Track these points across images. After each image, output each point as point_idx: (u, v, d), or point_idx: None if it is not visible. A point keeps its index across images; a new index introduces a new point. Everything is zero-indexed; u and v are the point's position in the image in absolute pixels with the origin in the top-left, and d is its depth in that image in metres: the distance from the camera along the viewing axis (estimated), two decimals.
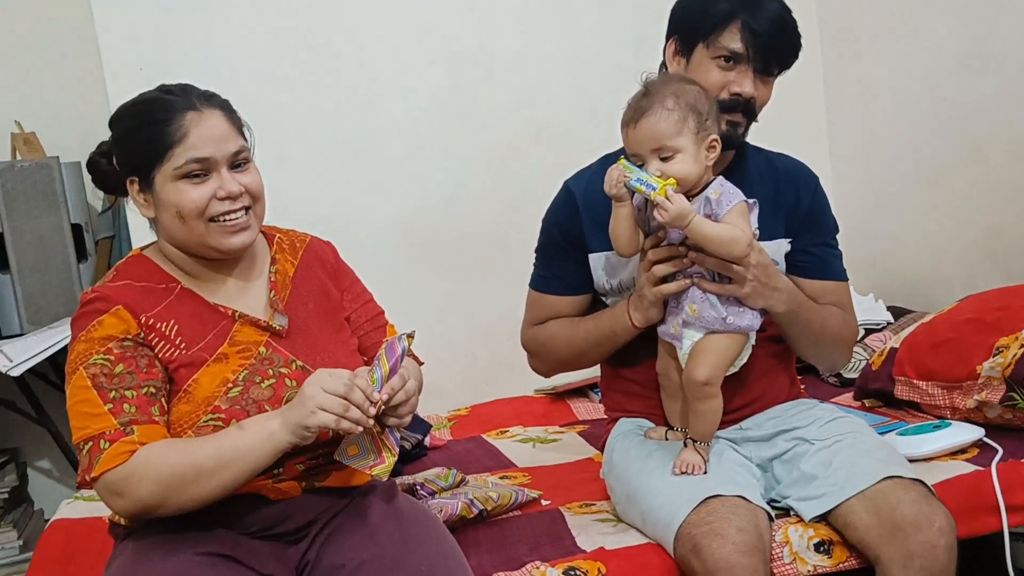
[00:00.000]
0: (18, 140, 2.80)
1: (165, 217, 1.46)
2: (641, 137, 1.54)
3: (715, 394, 1.59)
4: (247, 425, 1.38)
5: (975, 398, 1.90)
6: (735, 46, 1.63)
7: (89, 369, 1.39)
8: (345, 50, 2.71)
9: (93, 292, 1.45)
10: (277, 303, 1.53)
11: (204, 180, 1.43)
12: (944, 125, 2.59)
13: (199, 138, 1.42)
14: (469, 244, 2.83)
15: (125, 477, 1.35)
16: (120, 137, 1.48)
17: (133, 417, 1.37)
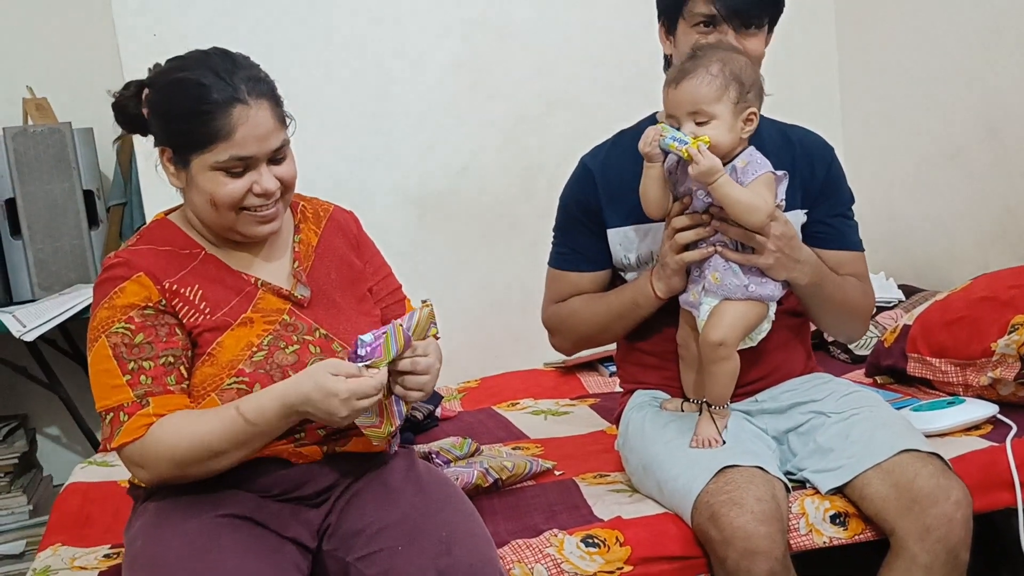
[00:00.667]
0: (30, 105, 2.79)
1: (196, 198, 1.45)
2: (680, 98, 1.55)
3: (729, 356, 1.60)
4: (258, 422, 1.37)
5: (989, 375, 1.91)
6: (705, 9, 1.65)
7: (111, 338, 1.40)
8: (359, 16, 2.69)
9: (116, 257, 1.46)
10: (300, 273, 1.54)
11: (242, 174, 1.42)
12: (960, 104, 2.57)
13: (244, 137, 1.39)
14: (480, 213, 2.83)
15: (143, 452, 1.38)
16: (160, 110, 1.44)
17: (149, 389, 1.39)
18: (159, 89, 1.45)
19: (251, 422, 1.37)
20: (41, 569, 1.62)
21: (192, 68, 1.42)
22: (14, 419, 2.98)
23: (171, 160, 1.45)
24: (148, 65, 2.60)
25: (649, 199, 1.62)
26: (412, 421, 2.21)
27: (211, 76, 1.40)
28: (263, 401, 1.38)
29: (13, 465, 2.83)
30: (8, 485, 2.81)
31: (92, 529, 1.79)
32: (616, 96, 2.73)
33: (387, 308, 1.63)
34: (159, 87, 1.45)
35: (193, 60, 1.44)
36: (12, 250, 2.72)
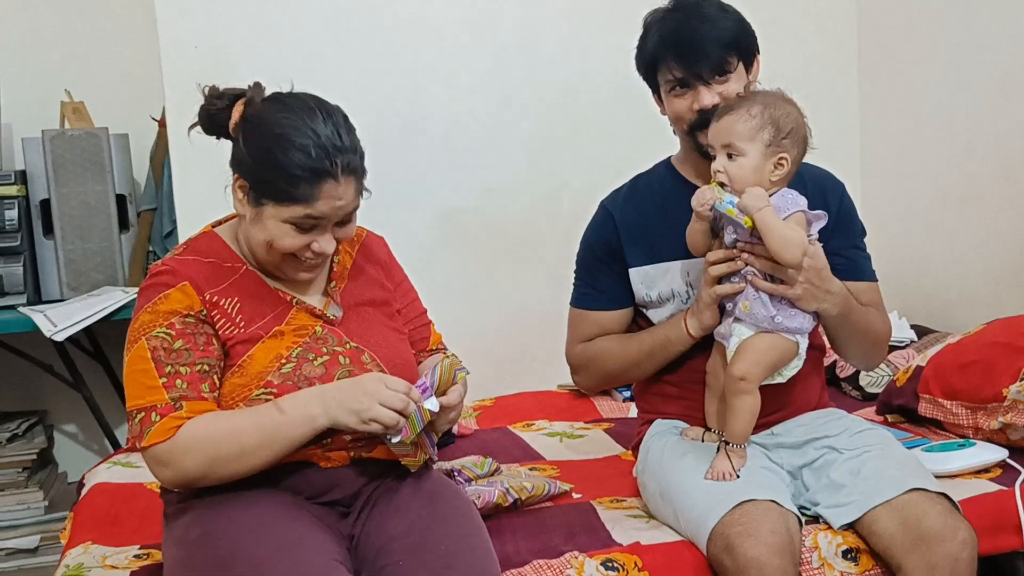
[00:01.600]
0: (67, 108, 2.85)
1: (255, 233, 1.49)
2: (719, 130, 1.62)
3: (749, 391, 1.64)
4: (288, 408, 1.43)
5: (1000, 420, 1.95)
6: (674, 75, 1.72)
7: (151, 341, 1.45)
8: (393, 36, 2.76)
9: (163, 265, 1.51)
10: (335, 293, 1.59)
11: (308, 231, 1.47)
12: (978, 146, 2.62)
13: (325, 206, 1.45)
14: (503, 233, 2.88)
15: (171, 450, 1.42)
16: (254, 152, 1.46)
17: (184, 393, 1.44)
18: (258, 131, 1.46)
19: (282, 410, 1.42)
20: (75, 566, 1.66)
21: (295, 125, 1.44)
22: (33, 415, 3.03)
23: (244, 191, 1.49)
24: (187, 75, 2.68)
25: (696, 246, 1.70)
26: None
27: (311, 141, 1.43)
28: (298, 392, 1.45)
29: (31, 461, 2.88)
30: (25, 480, 2.86)
31: (121, 529, 1.83)
32: (640, 123, 2.74)
33: (413, 331, 1.70)
34: (258, 129, 1.46)
35: (298, 113, 1.45)
36: (44, 250, 2.77)
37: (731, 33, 1.72)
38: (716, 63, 1.70)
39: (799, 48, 2.95)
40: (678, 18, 1.72)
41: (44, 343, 2.64)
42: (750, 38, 1.76)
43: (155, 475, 1.47)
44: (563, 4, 2.87)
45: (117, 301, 2.58)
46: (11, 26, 3.00)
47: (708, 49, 1.69)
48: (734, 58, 1.72)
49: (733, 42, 1.72)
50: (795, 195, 1.63)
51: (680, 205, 1.77)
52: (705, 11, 1.72)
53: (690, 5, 1.74)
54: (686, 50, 1.69)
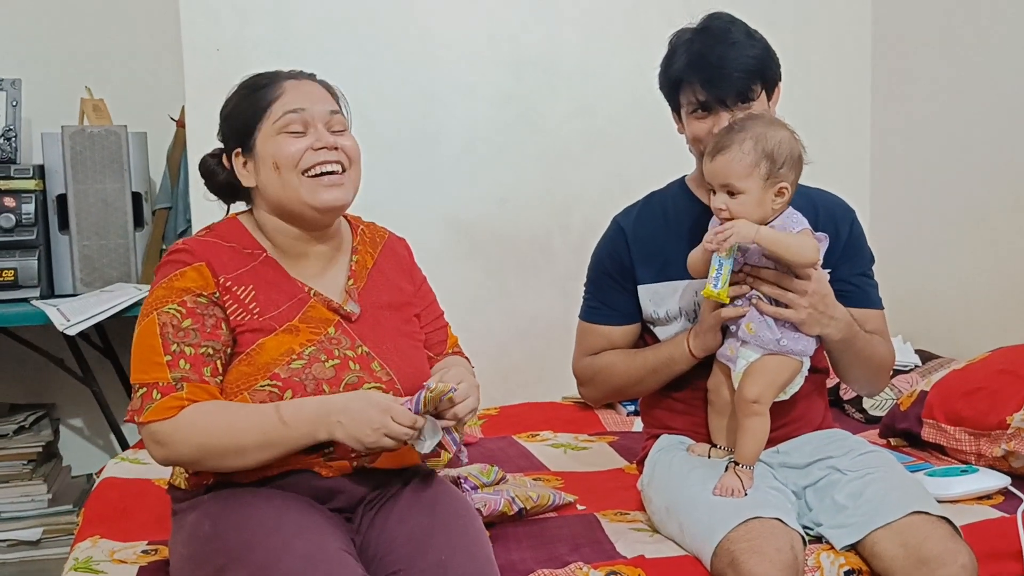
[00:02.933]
0: (87, 106, 2.88)
1: (264, 175, 1.54)
2: (714, 171, 1.64)
3: (762, 413, 1.66)
4: (290, 420, 1.43)
5: (1003, 447, 1.97)
6: (696, 98, 1.73)
7: (161, 316, 1.47)
8: (415, 46, 2.79)
9: (183, 243, 1.54)
10: (353, 291, 1.60)
11: (302, 135, 1.52)
12: (988, 173, 2.64)
13: (295, 95, 1.54)
14: (515, 243, 2.91)
15: (171, 432, 1.43)
16: (227, 113, 1.57)
17: (185, 374, 1.45)
18: (226, 101, 1.59)
19: (285, 421, 1.42)
20: (84, 559, 1.67)
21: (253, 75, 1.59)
22: (41, 408, 3.05)
23: (241, 157, 1.56)
24: (208, 77, 2.73)
25: (697, 270, 1.71)
26: None
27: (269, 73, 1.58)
28: (303, 402, 1.44)
29: (37, 453, 2.89)
30: (30, 473, 2.87)
31: (129, 524, 1.84)
32: (654, 141, 2.77)
33: (430, 334, 1.71)
34: (226, 100, 1.60)
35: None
36: (59, 244, 2.80)
37: (757, 60, 1.72)
38: (740, 90, 1.71)
39: (812, 74, 2.98)
40: (705, 41, 1.73)
41: (55, 337, 2.66)
42: (775, 66, 1.77)
43: (148, 449, 1.48)
44: (582, 22, 2.90)
45: (130, 297, 2.61)
46: (35, 22, 3.03)
47: (733, 75, 1.69)
48: (758, 86, 1.73)
49: (758, 70, 1.72)
50: (798, 215, 1.66)
51: (692, 225, 1.80)
52: (733, 36, 1.73)
53: (718, 28, 1.74)
54: (711, 74, 1.70)
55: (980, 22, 2.66)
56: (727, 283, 1.62)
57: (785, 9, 2.96)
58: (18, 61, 2.94)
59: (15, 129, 2.82)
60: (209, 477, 1.53)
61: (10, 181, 2.73)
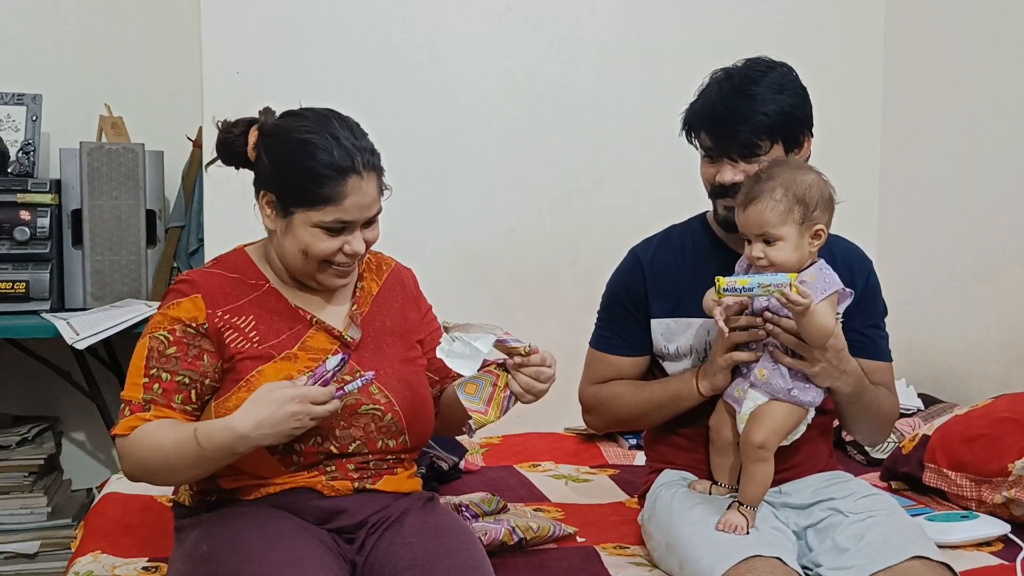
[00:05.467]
0: (106, 123, 2.91)
1: (288, 245, 1.55)
2: (749, 221, 1.64)
3: (768, 459, 1.67)
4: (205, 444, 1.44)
5: (1003, 494, 1.97)
6: (706, 144, 1.75)
7: (152, 341, 1.53)
8: (433, 78, 2.82)
9: (187, 274, 1.60)
10: (356, 316, 1.63)
11: (336, 235, 1.53)
12: (996, 224, 2.66)
13: (352, 204, 1.52)
14: (522, 275, 2.93)
15: (124, 446, 1.51)
16: (277, 162, 1.54)
17: (155, 397, 1.50)
18: (280, 142, 1.55)
19: (201, 445, 1.44)
20: (84, 574, 1.68)
21: (315, 131, 1.52)
22: (44, 421, 3.05)
23: (272, 205, 1.56)
24: (227, 99, 2.76)
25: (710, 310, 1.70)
26: (437, 471, 2.28)
27: (332, 143, 1.51)
28: (214, 428, 1.45)
29: (38, 466, 2.90)
30: (31, 485, 2.87)
31: (131, 540, 1.85)
32: (667, 178, 2.82)
33: (435, 359, 1.71)
34: (280, 140, 1.55)
35: (315, 121, 1.54)
36: (71, 259, 2.82)
37: (772, 118, 1.70)
38: (744, 145, 1.71)
39: (822, 121, 2.95)
40: (723, 90, 1.73)
41: (63, 350, 2.67)
42: (795, 122, 1.74)
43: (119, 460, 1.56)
44: (598, 60, 2.94)
45: (140, 314, 2.62)
46: (57, 39, 3.07)
47: (738, 130, 1.70)
48: (766, 142, 1.71)
49: (769, 127, 1.70)
50: (832, 274, 1.66)
51: (710, 262, 1.81)
52: (754, 89, 1.71)
53: (742, 79, 1.73)
54: (717, 125, 1.72)
55: (992, 75, 2.69)
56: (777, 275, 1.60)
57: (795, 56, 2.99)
58: (39, 77, 2.98)
59: (34, 143, 2.86)
60: (212, 494, 1.56)
61: (27, 195, 2.75)
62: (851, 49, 3.09)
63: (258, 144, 1.57)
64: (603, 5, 2.95)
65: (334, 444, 1.55)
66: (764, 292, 1.59)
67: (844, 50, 3.09)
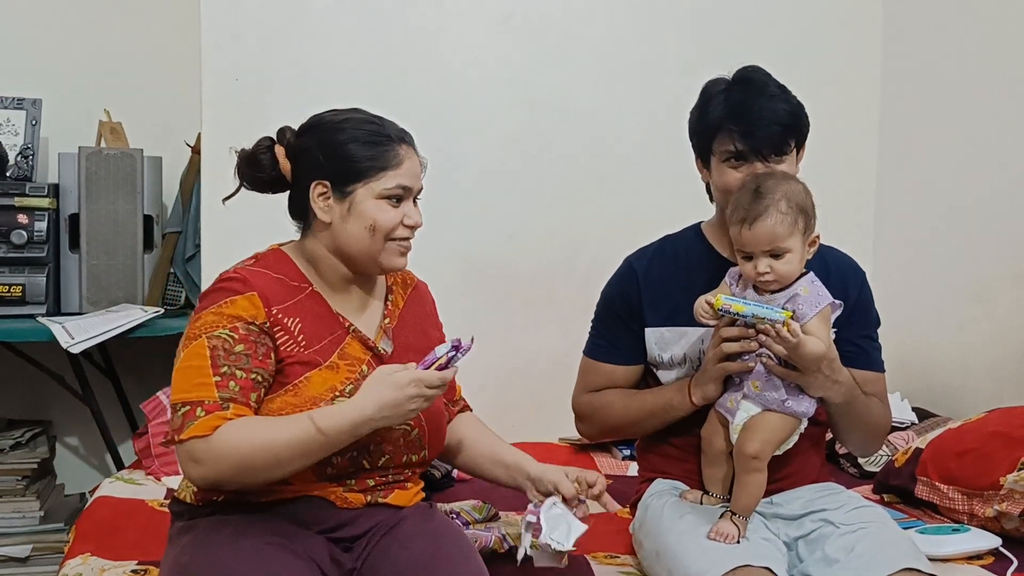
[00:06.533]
0: (105, 128, 2.92)
1: (351, 227, 1.56)
2: (757, 238, 1.63)
3: (761, 469, 1.67)
4: (328, 430, 1.43)
5: (995, 508, 1.97)
6: (732, 147, 1.73)
7: (212, 340, 1.46)
8: (432, 83, 2.83)
9: (234, 272, 1.54)
10: (388, 329, 1.64)
11: (397, 205, 1.56)
12: (992, 244, 2.67)
13: (409, 170, 1.58)
14: (520, 281, 2.92)
15: (208, 449, 1.41)
16: (331, 142, 1.56)
17: (234, 396, 1.44)
18: (323, 130, 1.58)
19: (323, 431, 1.42)
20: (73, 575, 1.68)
21: (351, 113, 1.60)
22: (38, 425, 3.05)
23: (325, 195, 1.56)
24: (226, 106, 2.76)
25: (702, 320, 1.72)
26: (429, 479, 2.28)
27: (372, 118, 1.60)
28: (337, 413, 1.44)
29: (31, 470, 2.89)
30: (24, 489, 2.86)
31: (120, 542, 1.85)
32: (666, 185, 2.81)
33: None
34: (321, 128, 1.59)
35: (345, 111, 1.61)
36: (68, 263, 2.82)
37: (793, 116, 1.74)
38: (778, 143, 1.72)
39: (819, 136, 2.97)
40: (745, 92, 1.74)
41: (58, 354, 2.67)
42: (807, 123, 1.78)
43: (185, 471, 1.46)
44: (597, 67, 2.94)
45: (135, 319, 2.63)
46: (58, 43, 3.08)
47: (772, 128, 1.71)
48: (792, 140, 1.74)
49: (795, 125, 1.74)
50: (823, 289, 1.67)
51: (704, 273, 1.81)
52: (771, 90, 1.75)
53: (757, 81, 1.76)
54: (751, 126, 1.71)
55: (990, 93, 2.69)
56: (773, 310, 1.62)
57: (793, 67, 3.01)
58: (40, 81, 2.99)
59: (32, 148, 2.87)
60: (219, 493, 1.53)
61: (25, 199, 2.76)
62: (849, 61, 3.10)
63: (293, 147, 1.59)
64: (603, 14, 2.96)
65: (367, 458, 1.55)
66: (757, 323, 1.61)
67: (842, 62, 3.09)
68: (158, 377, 2.88)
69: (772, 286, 1.65)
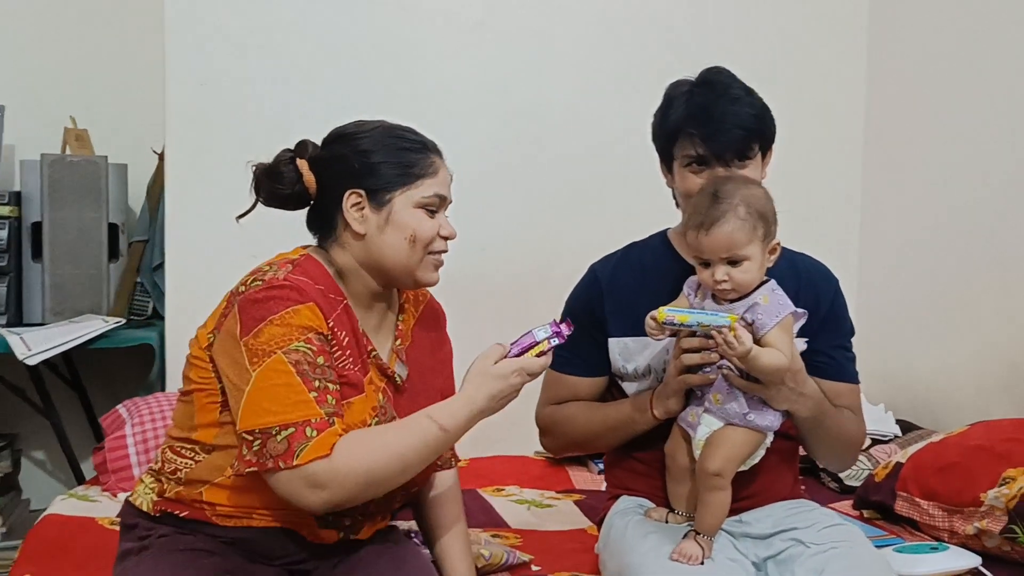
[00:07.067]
0: (70, 135, 2.87)
1: (389, 238, 1.48)
2: (714, 245, 1.57)
3: (724, 487, 1.60)
4: (449, 426, 1.40)
5: (975, 525, 1.90)
6: (696, 152, 1.68)
7: (290, 355, 1.35)
8: (403, 91, 2.77)
9: (285, 279, 1.41)
10: (402, 352, 1.57)
11: (433, 216, 1.51)
12: (976, 255, 2.63)
13: (444, 179, 1.54)
14: (494, 293, 2.87)
15: (331, 469, 1.32)
16: (361, 153, 1.49)
17: (334, 409, 1.37)
18: (361, 136, 1.51)
19: (445, 429, 1.40)
20: None
21: (382, 122, 1.54)
22: (3, 438, 2.99)
23: (360, 206, 1.49)
24: (191, 111, 2.71)
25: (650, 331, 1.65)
26: None
27: (405, 128, 1.55)
28: (454, 409, 1.42)
29: None
30: None
31: (64, 563, 1.79)
32: (640, 195, 2.75)
33: None
34: (360, 135, 1.51)
35: (375, 121, 1.55)
36: (31, 272, 2.76)
37: (757, 119, 1.68)
38: (741, 147, 1.66)
39: (804, 144, 2.94)
40: (707, 95, 1.68)
41: (20, 367, 2.61)
42: (772, 125, 1.73)
43: (300, 498, 1.34)
44: (572, 75, 2.90)
45: (96, 329, 2.57)
46: (22, 50, 3.04)
47: (734, 132, 1.65)
48: (756, 145, 1.69)
49: (758, 128, 1.69)
50: (784, 298, 1.60)
51: (669, 281, 1.75)
52: (734, 92, 1.69)
53: (719, 83, 1.70)
54: (713, 130, 1.65)
55: (974, 103, 2.65)
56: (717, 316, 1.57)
57: (776, 77, 2.97)
58: (3, 88, 2.93)
59: None
60: (185, 509, 1.45)
61: None
62: (833, 71, 3.06)
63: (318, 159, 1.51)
64: (578, 21, 2.92)
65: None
66: (703, 331, 1.54)
67: (826, 71, 3.06)
68: (126, 389, 2.82)
69: (730, 295, 1.58)
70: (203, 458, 1.45)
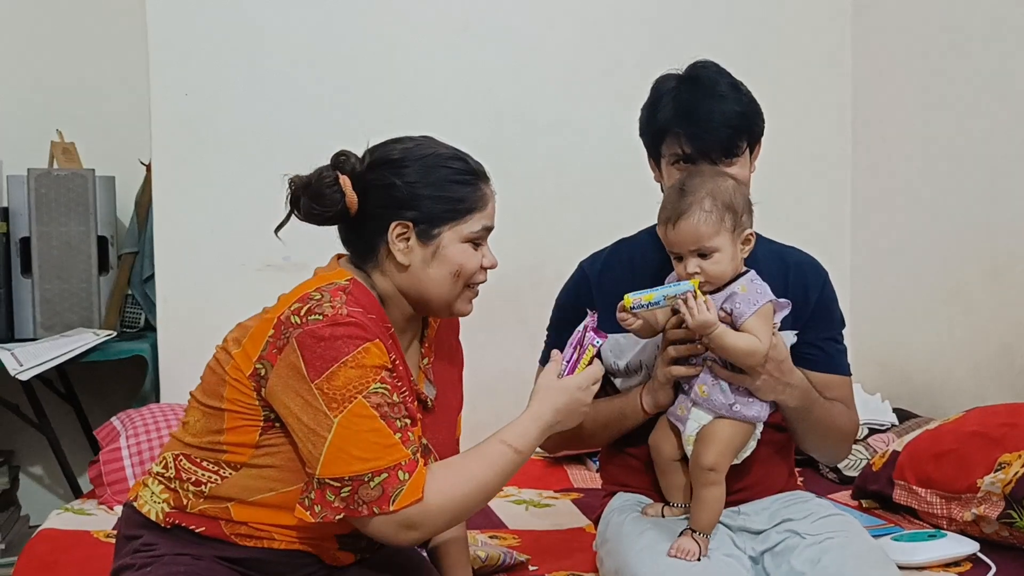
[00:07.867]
0: (57, 148, 2.86)
1: (435, 273, 1.44)
2: (681, 238, 1.57)
3: (719, 481, 1.60)
4: (523, 448, 1.41)
5: (973, 511, 1.90)
6: (682, 150, 1.67)
7: (370, 398, 1.32)
8: (390, 94, 2.77)
9: (350, 316, 1.35)
10: (429, 371, 1.54)
11: (477, 249, 1.47)
12: (967, 240, 2.62)
13: (492, 209, 1.49)
14: (485, 297, 2.85)
15: (424, 511, 1.32)
16: (411, 183, 1.42)
17: (417, 446, 1.36)
18: (412, 164, 1.43)
19: (520, 451, 1.39)
20: None
21: (432, 144, 1.47)
22: None
23: (405, 237, 1.43)
24: (177, 122, 2.71)
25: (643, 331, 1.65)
26: None
27: (454, 151, 1.47)
28: (523, 430, 1.41)
29: None
30: None
31: None
32: (629, 196, 2.74)
33: None
34: (410, 162, 1.43)
35: (424, 140, 1.47)
36: (20, 287, 2.75)
37: (743, 116, 1.67)
38: (727, 146, 1.65)
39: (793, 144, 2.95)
40: (693, 92, 1.67)
41: (13, 382, 2.60)
42: (760, 121, 1.71)
43: (391, 539, 1.34)
44: (560, 77, 2.90)
45: (87, 343, 2.56)
46: (7, 64, 3.03)
47: (720, 131, 1.64)
48: (743, 142, 1.68)
49: (745, 125, 1.67)
50: (762, 286, 1.60)
51: (660, 276, 1.74)
52: (720, 88, 1.67)
53: (706, 79, 1.68)
54: (698, 128, 1.64)
55: (963, 95, 2.65)
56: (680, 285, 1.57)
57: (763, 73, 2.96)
58: None
59: None
60: (202, 525, 1.41)
61: None
62: (820, 66, 3.06)
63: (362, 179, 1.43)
64: (563, 22, 2.91)
65: None
66: (670, 303, 1.54)
67: (812, 67, 3.05)
68: (120, 401, 2.81)
69: (705, 287, 1.57)
70: (230, 475, 1.40)
